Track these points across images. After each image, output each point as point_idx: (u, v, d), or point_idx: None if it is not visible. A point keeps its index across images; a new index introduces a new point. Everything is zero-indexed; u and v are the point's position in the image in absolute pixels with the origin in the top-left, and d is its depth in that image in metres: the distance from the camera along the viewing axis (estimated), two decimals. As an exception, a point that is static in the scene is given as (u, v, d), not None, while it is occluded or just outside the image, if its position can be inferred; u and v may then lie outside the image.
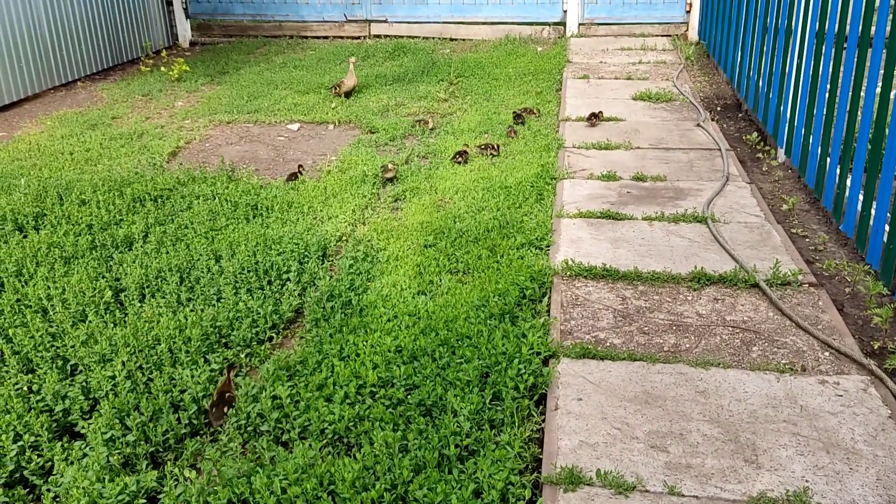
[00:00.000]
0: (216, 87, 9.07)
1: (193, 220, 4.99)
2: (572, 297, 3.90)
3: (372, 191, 5.64)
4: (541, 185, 5.41)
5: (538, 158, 6.02)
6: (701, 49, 9.86)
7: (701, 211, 4.82)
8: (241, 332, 3.69)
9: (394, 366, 3.30)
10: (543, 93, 8.08)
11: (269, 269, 4.27)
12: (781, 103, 5.89)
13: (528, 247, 4.45)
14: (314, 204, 5.40)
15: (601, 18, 10.82)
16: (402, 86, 8.76)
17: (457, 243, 4.61)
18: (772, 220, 4.72)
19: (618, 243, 4.45)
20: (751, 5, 7.14)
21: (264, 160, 6.62)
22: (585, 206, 5.01)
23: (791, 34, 5.77)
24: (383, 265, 4.41)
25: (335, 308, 3.89)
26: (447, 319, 3.67)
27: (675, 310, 3.76)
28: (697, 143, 6.26)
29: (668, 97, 7.61)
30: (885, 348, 3.49)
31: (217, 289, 4.07)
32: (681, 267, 4.13)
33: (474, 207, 5.15)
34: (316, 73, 9.44)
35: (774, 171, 5.84)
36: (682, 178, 5.48)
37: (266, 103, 8.22)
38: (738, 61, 7.49)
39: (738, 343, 3.47)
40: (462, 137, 6.80)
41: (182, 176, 5.85)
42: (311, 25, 11.57)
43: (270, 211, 5.24)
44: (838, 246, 4.53)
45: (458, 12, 11.12)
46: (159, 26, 11.38)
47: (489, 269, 4.23)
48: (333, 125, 7.57)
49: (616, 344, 3.49)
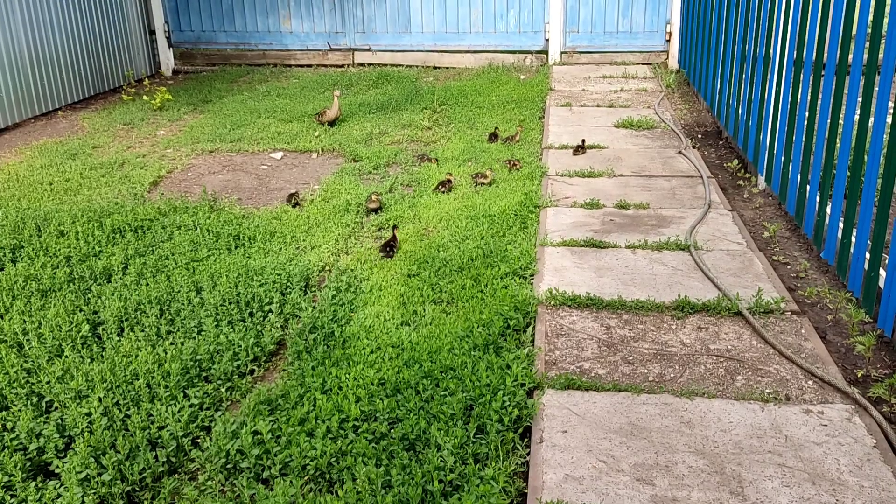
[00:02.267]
0: (199, 116, 9.05)
1: (174, 250, 4.94)
2: (557, 327, 3.88)
3: (355, 220, 5.62)
4: (524, 214, 5.42)
5: (522, 186, 6.04)
6: (681, 77, 9.98)
7: (684, 239, 4.84)
8: (222, 365, 3.63)
9: (377, 399, 3.26)
10: (526, 121, 8.13)
11: (251, 301, 4.22)
12: (761, 131, 5.95)
13: (511, 276, 4.44)
14: (297, 234, 5.37)
15: (583, 47, 10.95)
16: (386, 114, 8.79)
17: (441, 273, 4.59)
18: (753, 248, 4.74)
19: (602, 272, 4.45)
20: (729, 34, 7.25)
21: (247, 189, 6.59)
22: (569, 234, 5.02)
23: (769, 62, 5.85)
24: (366, 295, 4.38)
25: (317, 340, 3.84)
26: (431, 351, 3.63)
27: (660, 339, 3.75)
28: (679, 170, 6.31)
29: (650, 125, 7.68)
30: (869, 376, 3.49)
31: (198, 321, 4.02)
32: (664, 295, 4.13)
33: (458, 236, 5.14)
34: (300, 102, 9.46)
35: (755, 198, 5.89)
36: (665, 206, 5.51)
37: (249, 132, 8.22)
38: (718, 89, 7.59)
39: (723, 372, 3.46)
40: (446, 165, 6.81)
41: (163, 206, 5.80)
42: (295, 54, 11.61)
43: (253, 241, 5.20)
44: (819, 273, 4.55)
45: (441, 41, 11.21)
46: (142, 55, 11.39)
47: (473, 299, 4.20)
48: (317, 153, 7.56)
49: (601, 374, 3.47)
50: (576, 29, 10.88)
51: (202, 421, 3.26)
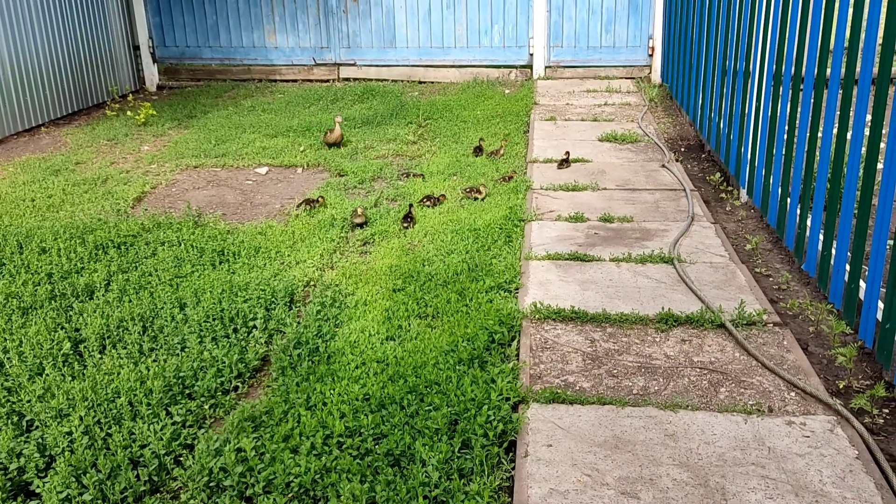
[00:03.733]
0: (183, 131, 9.03)
1: (158, 267, 4.91)
2: (541, 341, 3.89)
3: (340, 235, 5.61)
4: (509, 228, 5.44)
5: (507, 200, 6.06)
6: (664, 91, 10.08)
7: (667, 252, 4.87)
8: (206, 382, 3.61)
9: (361, 414, 3.25)
10: (511, 135, 8.17)
11: (235, 317, 4.20)
12: (742, 144, 6.02)
13: (496, 290, 4.45)
14: (282, 249, 5.36)
15: (567, 61, 11.04)
16: (371, 128, 8.81)
17: (426, 287, 4.59)
18: (736, 260, 4.78)
19: (586, 285, 4.47)
20: (710, 49, 7.34)
21: (232, 204, 6.58)
22: (554, 247, 5.04)
23: (749, 76, 5.92)
24: (351, 310, 4.37)
25: (302, 356, 3.83)
26: (416, 365, 3.63)
27: (644, 352, 3.76)
28: (663, 183, 6.35)
29: (634, 138, 7.75)
30: (851, 387, 3.52)
31: (181, 338, 4.00)
32: (649, 308, 4.15)
33: (443, 250, 5.15)
34: (285, 117, 9.47)
35: (737, 210, 5.94)
36: (649, 219, 5.55)
37: (234, 147, 8.20)
38: (700, 103, 7.67)
39: (706, 384, 3.48)
40: (432, 180, 6.83)
41: (147, 222, 5.78)
42: (280, 69, 11.63)
43: (237, 257, 5.18)
44: (801, 285, 4.59)
45: (426, 55, 11.26)
46: (126, 70, 11.36)
47: (458, 313, 4.21)
48: (302, 168, 7.56)
49: (585, 387, 3.48)
50: (560, 44, 10.98)
51: (185, 439, 3.24)
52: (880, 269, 3.56)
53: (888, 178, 3.49)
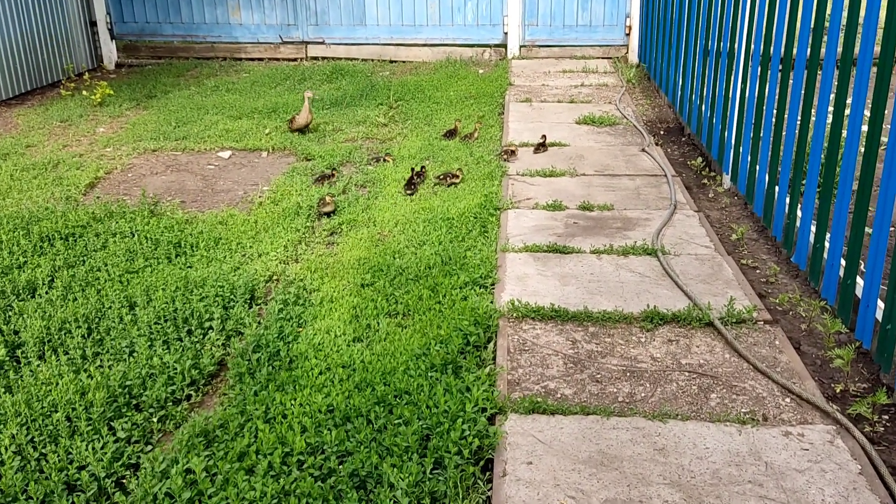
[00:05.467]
0: (142, 112, 8.59)
1: (108, 261, 4.57)
2: (520, 342, 3.63)
3: (306, 224, 5.30)
4: (484, 217, 5.16)
5: (481, 187, 5.78)
6: (641, 71, 9.83)
7: (650, 243, 4.63)
8: (155, 391, 3.30)
9: (324, 429, 2.97)
10: (485, 117, 7.87)
11: (190, 317, 3.89)
12: (725, 129, 5.78)
13: (471, 286, 4.17)
14: (243, 240, 5.04)
15: (542, 40, 10.73)
16: (340, 110, 8.45)
17: (396, 282, 4.31)
18: (722, 252, 4.56)
19: (566, 279, 4.22)
20: (691, 28, 7.07)
21: (192, 191, 6.22)
22: (531, 238, 4.78)
23: (734, 57, 5.67)
24: (316, 308, 4.07)
25: (262, 360, 3.53)
26: (385, 371, 3.36)
27: (629, 353, 3.52)
28: (643, 169, 6.11)
29: (612, 121, 7.49)
30: (848, 391, 3.31)
31: (130, 341, 3.67)
32: (632, 305, 3.92)
33: (415, 241, 4.87)
34: (250, 97, 9.06)
35: (721, 197, 5.72)
36: (630, 207, 5.30)
37: (196, 129, 7.80)
38: (680, 85, 7.42)
39: (696, 390, 3.25)
40: (403, 164, 6.52)
41: (98, 211, 5.40)
42: (246, 47, 11.17)
43: (195, 249, 4.85)
44: (790, 277, 4.39)
45: (397, 34, 10.88)
46: (83, 47, 10.82)
47: (431, 311, 3.93)
48: (267, 152, 7.20)
49: (567, 395, 3.23)
50: (535, 22, 10.66)
51: (129, 458, 2.94)
52: (881, 264, 3.35)
53: (891, 162, 3.26)
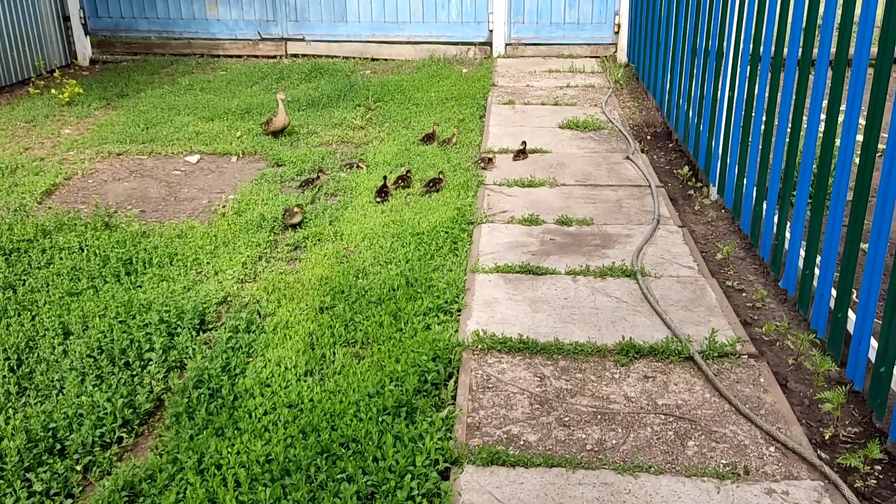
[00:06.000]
0: (111, 113, 8.26)
1: (50, 281, 4.27)
2: (483, 378, 3.35)
3: (268, 238, 5.00)
4: (456, 232, 4.87)
5: (456, 198, 5.49)
6: (630, 72, 9.54)
7: (630, 263, 4.35)
8: (83, 433, 3.02)
9: (260, 485, 2.69)
10: (466, 120, 7.57)
11: (128, 348, 3.59)
12: (713, 137, 5.50)
13: (435, 312, 3.89)
14: (200, 255, 4.74)
15: (528, 39, 10.42)
16: (316, 111, 8.14)
17: (357, 306, 4.02)
18: (706, 273, 4.28)
19: (538, 305, 3.93)
20: (679, 26, 6.77)
21: (154, 199, 5.91)
22: (504, 257, 4.49)
23: (722, 57, 5.36)
24: (269, 336, 3.78)
25: (202, 399, 3.24)
26: (333, 413, 3.07)
27: (601, 392, 3.25)
28: (627, 178, 5.83)
29: (597, 125, 7.20)
30: (838, 436, 3.05)
31: (60, 376, 3.38)
32: (607, 335, 3.64)
33: (381, 259, 4.58)
34: (224, 97, 8.74)
35: (707, 210, 5.44)
36: (611, 222, 5.02)
37: (165, 131, 7.48)
38: (668, 87, 7.13)
39: (672, 436, 2.97)
40: (377, 171, 6.22)
41: (49, 222, 5.10)
42: (223, 43, 10.83)
43: (147, 266, 4.55)
44: (778, 302, 4.11)
45: (379, 31, 10.56)
46: (55, 43, 10.47)
47: (391, 341, 3.65)
48: (237, 157, 6.89)
49: (531, 441, 2.95)
50: (521, 19, 10.35)
51: (41, 518, 2.65)
52: (874, 298, 3.07)
53: (888, 182, 2.97)
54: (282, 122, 7.14)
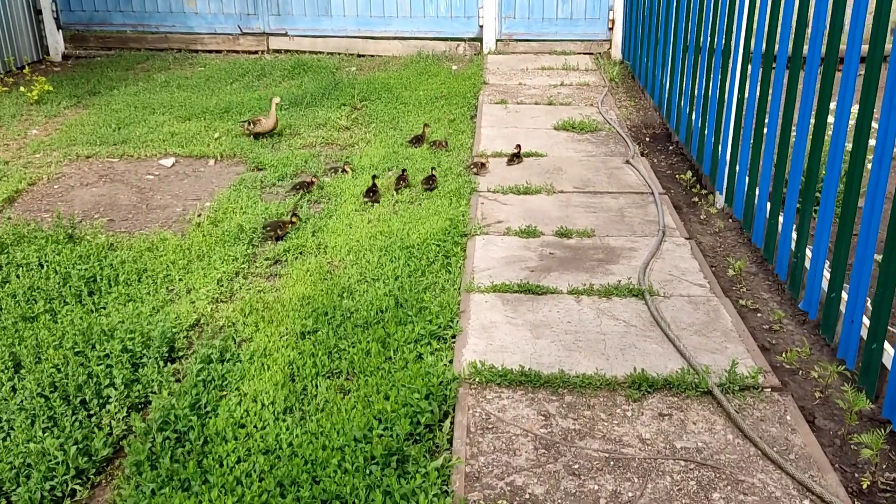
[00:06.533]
0: (81, 112, 7.85)
1: (3, 304, 3.89)
2: (482, 418, 3.02)
3: (246, 251, 4.64)
4: (448, 246, 4.53)
5: (447, 206, 5.15)
6: (625, 69, 9.22)
7: (637, 281, 4.04)
8: (30, 486, 2.67)
9: (230, 554, 2.35)
10: (456, 121, 7.22)
11: (86, 383, 3.23)
12: (719, 143, 5.18)
13: (428, 339, 3.55)
14: (172, 271, 4.38)
15: (520, 34, 10.08)
16: (300, 111, 7.76)
17: (342, 330, 3.68)
18: (718, 292, 3.97)
19: (539, 330, 3.61)
20: (680, 21, 6.44)
21: (124, 207, 5.53)
22: (501, 274, 4.16)
23: (730, 54, 5.03)
24: (245, 366, 3.43)
25: (167, 444, 2.90)
26: (315, 462, 2.74)
27: (612, 433, 2.93)
28: (628, 185, 5.51)
29: (593, 126, 6.88)
30: (876, 484, 2.74)
31: (8, 417, 3.02)
32: (617, 365, 3.32)
33: (368, 275, 4.24)
34: (203, 95, 8.33)
35: (714, 219, 5.13)
36: (613, 233, 4.70)
37: (138, 132, 7.09)
38: (667, 87, 6.82)
39: (694, 487, 2.66)
40: (364, 176, 5.87)
41: (7, 235, 4.71)
42: (202, 38, 10.41)
43: (113, 284, 4.19)
44: (797, 323, 3.81)
45: (365, 26, 10.18)
46: (26, 38, 10.00)
47: (378, 373, 3.32)
48: (215, 160, 6.51)
49: (538, 495, 2.63)
50: (512, 14, 9.99)
51: None
52: (915, 332, 2.77)
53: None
54: (271, 125, 6.77)
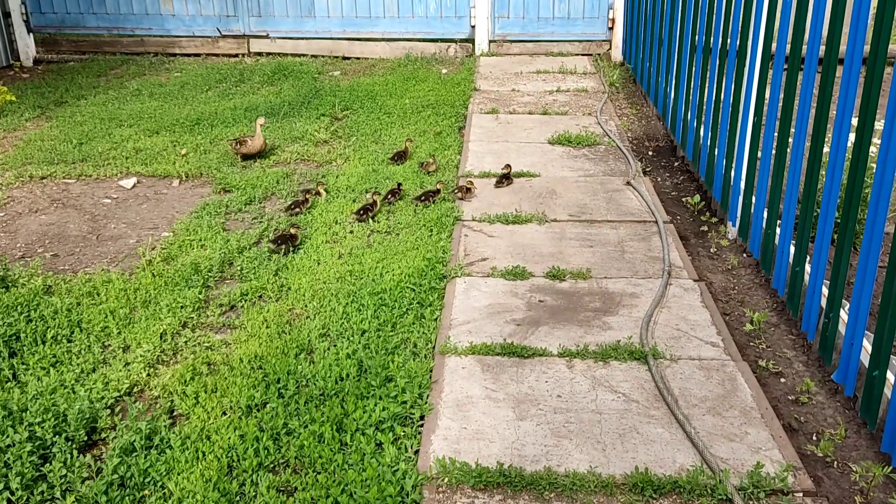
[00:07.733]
0: (43, 124, 7.30)
1: None
2: (450, 535, 2.48)
3: (198, 296, 4.10)
4: (425, 291, 3.99)
5: (427, 238, 4.61)
6: (627, 72, 8.63)
7: (639, 339, 3.48)
8: None
9: None
10: (443, 134, 6.65)
11: (-23, 486, 2.70)
12: (732, 167, 4.61)
13: (391, 422, 3.00)
14: (110, 323, 3.84)
15: (514, 35, 9.49)
16: (276, 122, 7.20)
17: (294, 404, 3.15)
18: (734, 353, 3.42)
19: (524, 408, 3.06)
20: (686, 19, 5.83)
21: (72, 239, 4.99)
22: (482, 329, 3.61)
23: (746, 58, 4.42)
24: (176, 454, 2.90)
25: (62, 575, 2.37)
26: None
27: (609, 557, 2.39)
28: (629, 211, 4.95)
29: (592, 140, 6.31)
30: None
31: None
32: (615, 459, 2.77)
33: (332, 329, 3.70)
34: (175, 104, 7.78)
35: (726, 253, 4.57)
36: (612, 274, 4.15)
37: (101, 148, 6.55)
38: (672, 94, 6.23)
39: None
40: (337, 200, 5.33)
41: (-73, 280, 4.18)
42: (180, 41, 9.84)
43: (39, 342, 3.65)
44: (827, 394, 3.26)
45: (350, 27, 9.59)
46: (-7, 42, 9.46)
47: (330, 466, 2.78)
48: (179, 180, 5.96)
49: None
50: (506, 14, 9.40)
51: None
52: None
53: None
54: (258, 146, 6.22)
